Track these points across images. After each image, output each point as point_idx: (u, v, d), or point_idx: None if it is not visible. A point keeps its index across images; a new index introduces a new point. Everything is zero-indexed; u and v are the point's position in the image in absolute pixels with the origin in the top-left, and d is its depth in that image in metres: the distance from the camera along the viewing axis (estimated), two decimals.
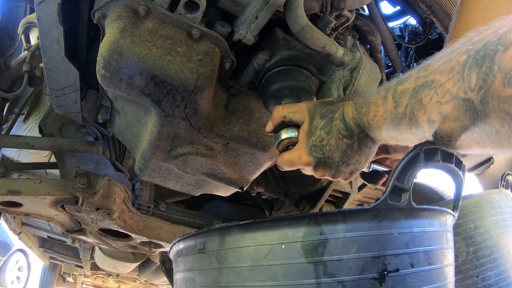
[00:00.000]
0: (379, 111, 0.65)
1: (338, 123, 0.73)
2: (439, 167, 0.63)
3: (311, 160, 0.76)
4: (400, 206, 0.56)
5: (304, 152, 0.77)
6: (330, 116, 0.75)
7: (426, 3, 1.49)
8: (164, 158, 1.09)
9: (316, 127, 0.76)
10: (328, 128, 0.74)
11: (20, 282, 6.36)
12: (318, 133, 0.75)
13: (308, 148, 0.76)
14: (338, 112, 0.74)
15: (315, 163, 0.76)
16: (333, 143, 0.73)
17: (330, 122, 0.74)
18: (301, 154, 0.77)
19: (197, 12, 0.90)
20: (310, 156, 0.76)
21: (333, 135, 0.73)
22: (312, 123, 0.77)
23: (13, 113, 1.97)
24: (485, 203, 1.66)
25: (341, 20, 1.14)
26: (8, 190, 1.30)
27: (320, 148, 0.75)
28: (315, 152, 0.75)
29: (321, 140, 0.75)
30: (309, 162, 0.76)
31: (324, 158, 0.75)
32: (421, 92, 0.56)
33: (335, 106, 0.76)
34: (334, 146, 0.74)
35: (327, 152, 0.74)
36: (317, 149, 0.75)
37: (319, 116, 0.76)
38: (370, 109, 0.67)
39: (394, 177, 0.56)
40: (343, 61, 0.99)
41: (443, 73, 0.52)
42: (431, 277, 0.57)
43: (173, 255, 0.78)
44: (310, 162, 0.76)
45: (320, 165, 0.76)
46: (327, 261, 0.53)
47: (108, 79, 0.89)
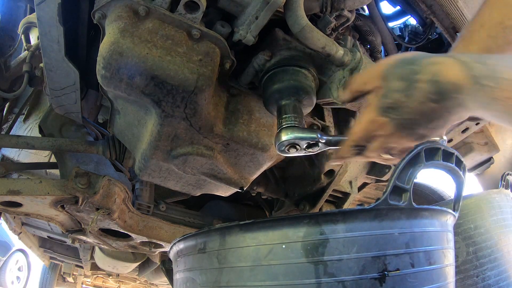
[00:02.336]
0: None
1: (424, 86, 0.65)
2: (440, 167, 0.63)
3: (385, 120, 0.69)
4: (400, 206, 0.56)
5: (375, 114, 0.70)
6: (413, 77, 0.66)
7: (426, 3, 1.49)
8: (164, 158, 1.09)
9: (392, 89, 0.68)
10: (409, 91, 0.66)
11: (20, 282, 6.36)
12: (393, 95, 0.68)
13: (380, 110, 0.70)
14: (425, 73, 0.65)
15: (392, 124, 0.69)
16: (415, 105, 0.66)
17: (412, 84, 0.66)
18: (373, 117, 0.71)
19: (197, 12, 0.90)
20: (384, 117, 0.69)
21: (415, 97, 0.66)
22: (385, 88, 0.69)
23: (13, 113, 1.98)
24: (485, 203, 1.66)
25: (341, 20, 1.14)
26: (8, 190, 1.30)
27: (396, 110, 0.67)
28: (389, 113, 0.69)
29: (397, 102, 0.67)
30: (385, 122, 0.69)
31: (402, 119, 0.68)
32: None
33: (419, 64, 0.67)
34: (415, 109, 0.66)
35: (405, 114, 0.67)
36: (391, 110, 0.68)
37: (397, 77, 0.68)
38: (505, 87, 0.58)
39: (394, 177, 0.56)
40: (343, 61, 0.99)
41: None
42: (431, 277, 0.57)
43: (173, 255, 0.78)
44: (386, 123, 0.69)
45: (399, 127, 0.69)
46: (328, 261, 0.53)
47: (108, 79, 0.89)
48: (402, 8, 1.80)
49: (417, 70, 0.66)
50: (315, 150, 0.91)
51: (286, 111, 0.92)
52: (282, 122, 0.90)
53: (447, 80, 0.63)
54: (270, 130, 1.09)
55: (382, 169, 1.71)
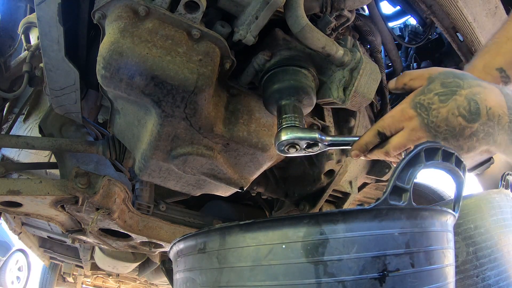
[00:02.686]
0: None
1: (462, 101, 0.66)
2: (440, 167, 0.63)
3: (414, 114, 0.70)
4: (400, 206, 0.56)
5: (407, 106, 0.71)
6: (454, 89, 0.67)
7: (426, 3, 1.48)
8: (164, 158, 1.09)
9: (431, 90, 0.70)
10: (446, 98, 0.67)
11: (20, 282, 6.36)
12: (430, 95, 0.69)
13: (412, 103, 0.71)
14: (468, 90, 0.66)
15: (419, 121, 0.69)
16: (444, 113, 0.67)
17: (451, 94, 0.67)
18: (404, 108, 0.72)
19: (197, 12, 0.90)
20: (414, 111, 0.70)
21: (448, 106, 0.66)
22: (428, 86, 0.71)
23: (13, 113, 1.98)
24: (485, 203, 1.66)
25: (341, 20, 1.14)
26: (8, 190, 1.30)
27: (426, 109, 0.68)
28: (419, 109, 0.69)
29: (430, 103, 0.68)
30: (412, 116, 0.70)
31: (428, 120, 0.68)
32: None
33: (465, 81, 0.68)
34: (443, 117, 0.67)
35: (432, 116, 0.68)
36: (422, 107, 0.69)
37: (440, 83, 0.70)
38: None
39: (394, 177, 0.56)
40: (343, 61, 0.99)
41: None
42: (431, 277, 0.57)
43: (173, 255, 0.78)
44: (413, 116, 0.70)
45: (424, 125, 0.69)
46: (327, 261, 0.53)
47: (108, 79, 0.89)
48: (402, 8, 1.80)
49: (461, 85, 0.68)
50: (315, 150, 0.91)
51: (286, 111, 0.92)
52: (282, 122, 0.90)
53: (485, 104, 0.64)
54: (270, 130, 1.09)
55: (382, 169, 1.72)
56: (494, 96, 0.64)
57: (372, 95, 1.02)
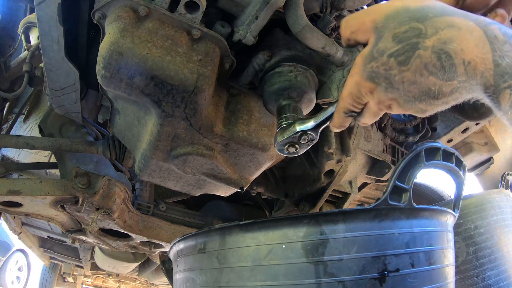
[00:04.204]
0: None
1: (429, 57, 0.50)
2: (440, 167, 0.63)
3: (373, 86, 0.57)
4: (400, 206, 0.56)
5: (361, 77, 0.58)
6: (414, 41, 0.51)
7: None
8: (164, 158, 1.09)
9: (382, 51, 0.54)
10: (405, 57, 0.52)
11: (20, 282, 6.36)
12: (383, 59, 0.54)
13: (365, 73, 0.57)
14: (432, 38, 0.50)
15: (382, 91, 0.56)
16: (410, 77, 0.52)
17: (411, 50, 0.51)
18: (358, 81, 0.59)
19: (197, 12, 0.90)
20: (371, 83, 0.57)
21: (412, 68, 0.52)
22: (376, 46, 0.56)
23: (13, 113, 1.98)
24: (485, 203, 1.66)
25: (341, 20, 1.13)
26: (8, 190, 1.30)
27: (385, 77, 0.55)
28: (377, 79, 0.56)
29: (387, 69, 0.54)
30: (371, 88, 0.57)
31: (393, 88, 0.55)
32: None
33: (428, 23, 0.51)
34: (410, 81, 0.53)
35: (396, 83, 0.54)
36: (379, 77, 0.55)
37: (392, 36, 0.53)
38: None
39: (394, 177, 0.56)
40: (343, 61, 0.99)
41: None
42: (431, 277, 0.57)
43: (173, 255, 0.78)
44: (373, 88, 0.57)
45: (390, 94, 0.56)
46: (328, 261, 0.53)
47: (108, 79, 0.89)
48: None
49: (423, 32, 0.51)
50: (311, 138, 0.85)
51: (286, 111, 0.92)
52: (282, 122, 0.90)
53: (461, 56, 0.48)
54: (270, 130, 1.09)
55: (382, 169, 1.72)
56: (474, 44, 0.47)
57: None
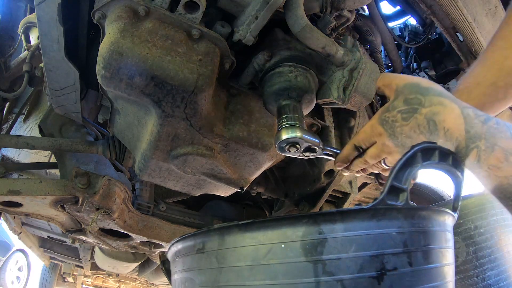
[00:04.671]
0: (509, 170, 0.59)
1: (422, 120, 0.69)
2: (437, 167, 0.64)
3: (382, 130, 0.75)
4: (398, 206, 0.56)
5: (376, 122, 0.76)
6: (416, 107, 0.70)
7: (426, 3, 1.49)
8: (164, 158, 1.09)
9: (395, 107, 0.73)
10: (407, 116, 0.71)
11: (20, 282, 6.37)
12: (394, 113, 0.73)
13: (380, 119, 0.76)
14: (427, 109, 0.68)
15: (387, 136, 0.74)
16: (407, 131, 0.71)
17: (412, 112, 0.70)
18: (373, 124, 0.77)
19: (197, 12, 0.90)
20: (381, 127, 0.75)
21: (410, 125, 0.70)
22: (392, 103, 0.74)
23: (13, 113, 1.98)
24: (485, 203, 1.66)
25: (341, 20, 1.14)
26: (8, 190, 1.30)
27: (391, 126, 0.73)
28: (385, 126, 0.74)
29: (394, 120, 0.73)
30: (381, 132, 0.75)
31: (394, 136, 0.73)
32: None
33: (427, 98, 0.69)
34: (406, 134, 0.71)
35: (397, 133, 0.72)
36: (387, 125, 0.74)
37: (403, 100, 0.72)
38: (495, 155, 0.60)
39: (391, 177, 0.56)
40: (343, 62, 0.99)
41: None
42: (429, 276, 0.57)
43: (171, 256, 0.78)
44: (382, 133, 0.75)
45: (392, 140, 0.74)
46: (326, 260, 0.54)
47: (108, 79, 0.89)
48: (402, 8, 1.81)
49: (422, 102, 0.69)
50: (311, 155, 0.91)
51: (286, 111, 0.92)
52: (283, 122, 0.90)
53: (443, 125, 0.66)
54: (270, 130, 1.10)
55: None
56: (453, 118, 0.65)
57: (372, 95, 1.02)
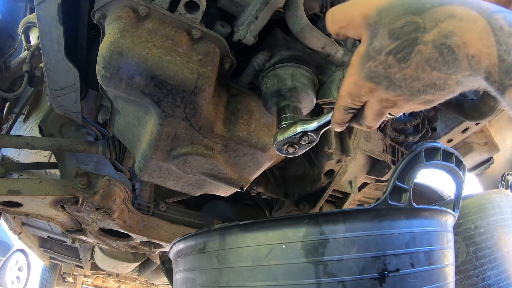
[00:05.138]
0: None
1: (430, 52, 0.47)
2: (440, 167, 0.63)
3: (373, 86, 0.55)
4: (400, 206, 0.56)
5: (359, 78, 0.55)
6: (413, 36, 0.48)
7: None
8: (164, 158, 1.09)
9: (379, 50, 0.52)
10: (404, 55, 0.49)
11: (20, 282, 6.36)
12: (381, 58, 0.52)
13: (363, 74, 0.55)
14: (432, 31, 0.47)
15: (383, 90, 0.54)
16: (412, 73, 0.50)
17: (411, 46, 0.49)
18: (357, 80, 0.56)
19: (197, 12, 0.90)
20: (371, 83, 0.55)
21: (413, 65, 0.49)
22: (372, 44, 0.53)
23: (13, 113, 1.98)
24: (485, 203, 1.66)
25: None
26: (8, 190, 1.30)
27: (386, 77, 0.52)
28: (376, 79, 0.54)
29: (386, 67, 0.52)
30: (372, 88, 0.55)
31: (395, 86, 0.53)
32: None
33: (426, 16, 0.48)
34: (412, 77, 0.50)
35: (398, 81, 0.52)
36: (379, 77, 0.53)
37: (387, 34, 0.50)
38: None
39: (394, 177, 0.56)
40: (343, 61, 0.99)
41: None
42: (431, 277, 0.57)
43: (173, 255, 0.78)
44: (374, 88, 0.55)
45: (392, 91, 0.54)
46: (327, 261, 0.53)
47: (108, 79, 0.89)
48: None
49: (421, 25, 0.48)
50: (310, 139, 0.85)
51: (286, 111, 0.92)
52: (281, 122, 0.90)
53: (465, 51, 0.45)
54: (270, 130, 1.09)
55: (382, 169, 1.72)
56: (477, 36, 0.44)
57: None
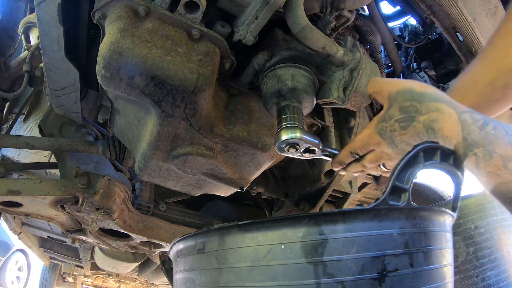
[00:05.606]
0: (507, 176, 0.59)
1: (420, 128, 0.68)
2: (438, 167, 0.64)
3: (380, 140, 0.74)
4: (399, 206, 0.56)
5: (373, 131, 0.76)
6: (412, 115, 0.69)
7: (426, 3, 1.49)
8: (164, 158, 1.09)
9: (391, 116, 0.72)
10: (405, 125, 0.70)
11: (20, 282, 6.37)
12: (391, 122, 0.72)
13: (376, 129, 0.75)
14: (425, 117, 0.67)
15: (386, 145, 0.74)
16: (407, 139, 0.70)
17: (410, 121, 0.69)
18: (370, 133, 0.76)
19: (197, 12, 0.90)
20: (379, 137, 0.74)
21: (409, 133, 0.69)
22: (387, 111, 0.73)
23: (13, 113, 1.98)
24: (485, 203, 1.66)
25: (341, 20, 1.14)
26: (8, 190, 1.30)
27: (390, 136, 0.72)
28: (383, 135, 0.74)
29: (392, 129, 0.72)
30: (379, 141, 0.75)
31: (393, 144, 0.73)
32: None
33: (423, 105, 0.68)
34: (406, 142, 0.70)
35: (397, 141, 0.72)
36: (386, 134, 0.73)
37: (398, 108, 0.71)
38: (493, 162, 0.60)
39: (393, 177, 0.56)
40: (343, 62, 0.99)
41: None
42: (430, 277, 0.57)
43: (173, 255, 0.78)
44: (380, 142, 0.75)
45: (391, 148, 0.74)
46: (327, 261, 0.53)
47: (108, 79, 0.89)
48: (402, 8, 1.80)
49: (419, 110, 0.68)
50: (311, 156, 0.91)
51: (286, 112, 0.92)
52: (282, 122, 0.90)
53: (441, 132, 0.65)
54: (270, 130, 1.09)
55: None
56: (451, 125, 0.64)
57: None
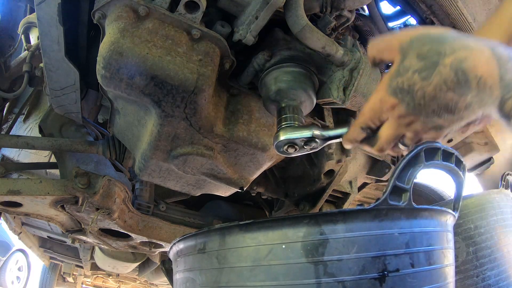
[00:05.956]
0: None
1: (448, 73, 0.57)
2: (440, 167, 0.63)
3: (396, 101, 0.62)
4: (400, 206, 0.56)
5: (385, 93, 0.63)
6: (435, 60, 0.58)
7: (426, 3, 1.49)
8: (164, 158, 1.09)
9: (407, 68, 0.61)
10: (427, 74, 0.58)
11: (20, 282, 6.36)
12: (408, 75, 0.60)
13: (390, 89, 0.63)
14: (450, 57, 0.57)
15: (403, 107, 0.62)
16: (431, 92, 0.58)
17: (432, 68, 0.58)
18: (382, 96, 0.64)
19: (197, 12, 0.90)
20: (394, 97, 0.62)
21: (433, 83, 0.58)
22: (401, 64, 0.62)
23: (13, 113, 1.98)
24: (485, 203, 1.66)
25: (341, 20, 1.14)
26: (8, 190, 1.30)
27: (409, 92, 0.60)
28: (400, 94, 0.61)
29: (411, 84, 0.60)
30: (394, 103, 0.63)
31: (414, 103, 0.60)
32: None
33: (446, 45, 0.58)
34: (430, 96, 0.58)
35: (418, 98, 0.60)
36: (403, 92, 0.61)
37: (416, 55, 0.60)
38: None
39: (394, 177, 0.56)
40: (343, 61, 0.99)
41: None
42: (431, 277, 0.57)
43: (173, 255, 0.78)
44: (396, 104, 0.62)
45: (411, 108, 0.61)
46: (327, 261, 0.53)
47: (108, 79, 0.89)
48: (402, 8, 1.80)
49: (442, 51, 0.58)
50: (314, 147, 0.89)
51: (286, 112, 0.92)
52: (282, 122, 0.90)
53: (474, 72, 0.55)
54: (270, 130, 1.09)
55: (382, 169, 1.72)
56: (485, 61, 0.55)
57: None
